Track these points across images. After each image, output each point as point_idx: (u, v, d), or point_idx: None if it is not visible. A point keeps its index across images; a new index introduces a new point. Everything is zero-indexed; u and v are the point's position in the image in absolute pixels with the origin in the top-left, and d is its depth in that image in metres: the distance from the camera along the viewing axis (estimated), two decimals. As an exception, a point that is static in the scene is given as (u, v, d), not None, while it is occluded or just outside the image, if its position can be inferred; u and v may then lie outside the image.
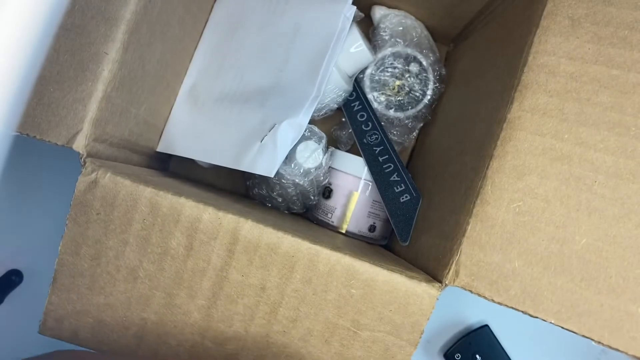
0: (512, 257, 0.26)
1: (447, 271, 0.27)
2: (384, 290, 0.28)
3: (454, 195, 0.32)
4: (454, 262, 0.27)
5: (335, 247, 0.28)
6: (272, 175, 0.35)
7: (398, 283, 0.27)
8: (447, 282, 0.27)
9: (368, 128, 0.43)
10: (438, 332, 0.49)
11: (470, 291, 0.27)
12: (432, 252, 0.31)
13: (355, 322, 0.28)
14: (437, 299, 0.27)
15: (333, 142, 0.48)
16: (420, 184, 0.40)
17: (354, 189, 0.42)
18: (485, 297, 0.26)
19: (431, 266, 0.30)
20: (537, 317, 0.25)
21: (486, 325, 0.48)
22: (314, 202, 0.43)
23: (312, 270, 0.28)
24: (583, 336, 0.25)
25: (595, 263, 0.25)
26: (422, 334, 0.28)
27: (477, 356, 0.47)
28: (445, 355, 0.48)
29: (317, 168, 0.40)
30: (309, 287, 0.28)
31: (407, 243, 0.37)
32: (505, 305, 0.26)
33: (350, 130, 0.45)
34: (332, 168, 0.43)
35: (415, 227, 0.38)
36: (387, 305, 0.28)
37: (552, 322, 0.25)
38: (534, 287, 0.26)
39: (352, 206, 0.42)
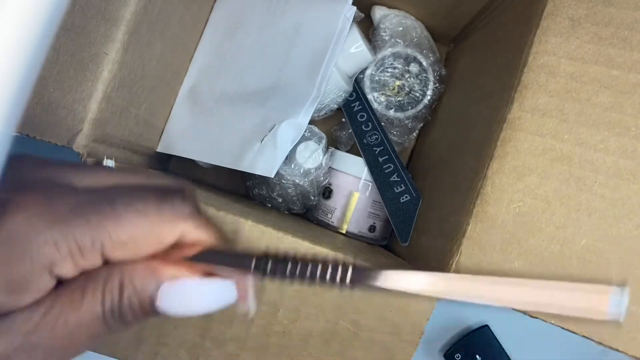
0: (512, 257, 0.26)
1: (447, 272, 0.27)
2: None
3: (454, 195, 0.32)
4: (454, 263, 0.27)
5: (336, 247, 0.28)
6: (272, 176, 0.35)
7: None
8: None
9: (368, 128, 0.43)
10: (438, 332, 0.49)
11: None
12: (432, 253, 0.31)
13: (355, 322, 0.28)
14: (438, 299, 0.27)
15: (333, 143, 0.48)
16: (420, 184, 0.40)
17: (354, 189, 0.42)
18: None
19: (431, 266, 0.30)
20: (537, 318, 0.25)
21: (486, 326, 0.48)
22: (314, 203, 0.43)
23: (312, 271, 0.28)
24: (583, 337, 0.25)
25: (596, 264, 0.25)
26: (422, 334, 0.28)
27: (477, 356, 0.47)
28: (445, 356, 0.48)
29: (317, 168, 0.40)
30: (309, 288, 0.28)
31: (407, 243, 0.37)
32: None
33: (350, 131, 0.45)
34: (332, 168, 0.43)
35: (415, 227, 0.38)
36: (387, 306, 0.28)
37: (552, 322, 0.25)
38: (534, 287, 0.26)
39: (352, 206, 0.42)
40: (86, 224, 0.16)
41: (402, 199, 0.39)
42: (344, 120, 0.46)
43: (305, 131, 0.39)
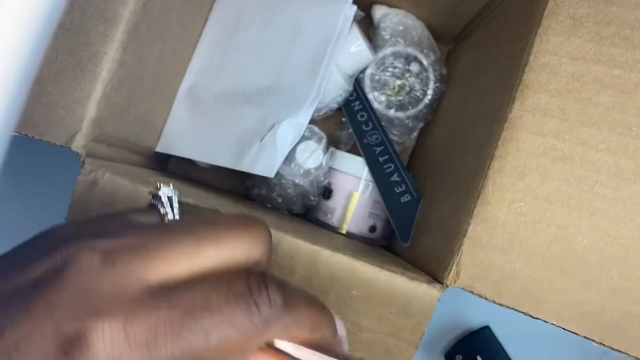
0: (513, 258, 0.26)
1: (448, 272, 0.27)
2: (384, 291, 0.27)
3: (454, 195, 0.31)
4: (455, 263, 0.27)
5: (336, 248, 0.28)
6: (272, 176, 0.34)
7: (398, 284, 0.27)
8: (447, 283, 0.27)
9: (368, 128, 0.43)
10: (439, 333, 0.49)
11: (472, 292, 0.27)
12: (432, 253, 0.31)
13: (355, 323, 0.28)
14: (438, 300, 0.27)
15: (333, 142, 0.48)
16: (420, 184, 0.40)
17: (354, 189, 0.42)
18: (486, 298, 0.26)
19: (432, 267, 0.30)
20: (538, 318, 0.25)
21: (487, 326, 0.48)
22: (314, 203, 0.43)
23: (312, 271, 0.28)
24: (584, 337, 0.25)
25: (597, 264, 0.25)
26: (423, 335, 0.27)
27: (478, 357, 0.47)
28: (446, 356, 0.48)
29: (317, 168, 0.40)
30: (309, 289, 0.28)
31: (407, 244, 0.37)
32: (507, 307, 0.26)
33: (350, 130, 0.44)
34: (332, 168, 0.43)
35: (415, 227, 0.38)
36: (388, 307, 0.27)
37: (554, 323, 0.25)
38: (535, 288, 0.26)
39: (353, 207, 0.42)
40: (172, 354, 0.15)
41: (403, 199, 0.39)
42: (344, 120, 0.46)
43: (305, 131, 0.39)
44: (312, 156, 0.39)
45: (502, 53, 0.33)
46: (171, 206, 0.20)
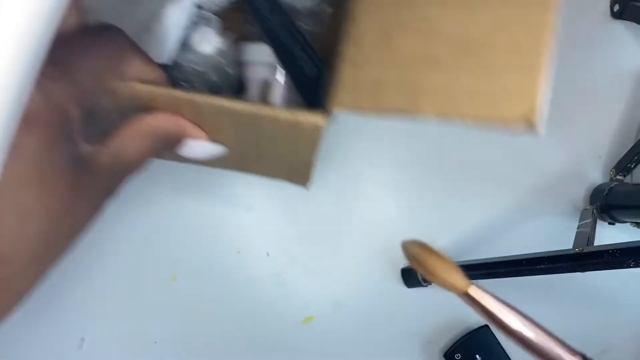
0: (388, 66, 0.26)
1: (332, 99, 0.27)
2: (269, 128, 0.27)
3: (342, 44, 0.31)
4: (338, 90, 0.27)
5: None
6: (164, 61, 0.34)
7: (281, 116, 0.27)
8: (332, 110, 0.27)
9: (269, 13, 0.42)
10: (438, 332, 0.48)
11: (356, 111, 0.26)
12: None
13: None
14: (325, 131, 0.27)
15: (242, 38, 0.47)
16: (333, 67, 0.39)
17: (265, 77, 0.41)
18: (367, 110, 0.26)
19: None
20: (417, 114, 0.25)
21: (486, 326, 0.48)
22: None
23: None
24: (463, 119, 0.24)
25: (464, 50, 0.25)
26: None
27: (477, 356, 0.47)
28: (445, 355, 0.47)
29: (218, 54, 0.39)
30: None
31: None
32: (389, 110, 0.25)
33: (257, 24, 0.43)
34: (242, 61, 0.42)
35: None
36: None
37: (433, 114, 0.24)
38: (411, 87, 0.25)
39: (269, 95, 0.41)
40: None
41: (309, 72, 0.39)
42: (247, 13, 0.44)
43: (195, 17, 0.38)
44: (205, 38, 0.38)
45: None
46: None
